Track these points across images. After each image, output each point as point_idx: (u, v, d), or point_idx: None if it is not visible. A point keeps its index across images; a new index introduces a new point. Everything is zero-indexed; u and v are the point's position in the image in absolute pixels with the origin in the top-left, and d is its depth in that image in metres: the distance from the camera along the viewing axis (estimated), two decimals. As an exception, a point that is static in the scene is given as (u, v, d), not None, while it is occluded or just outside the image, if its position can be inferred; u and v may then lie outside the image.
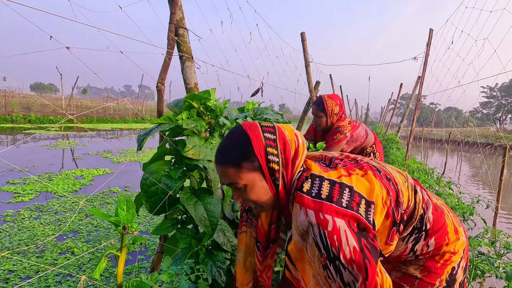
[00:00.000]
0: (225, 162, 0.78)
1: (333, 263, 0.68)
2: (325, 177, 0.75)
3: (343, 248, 0.67)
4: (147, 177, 1.10)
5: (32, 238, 2.99)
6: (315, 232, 0.69)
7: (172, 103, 1.30)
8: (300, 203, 0.73)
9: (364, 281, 0.66)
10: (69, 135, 12.07)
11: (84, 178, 5.38)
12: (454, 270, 0.85)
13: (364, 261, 0.67)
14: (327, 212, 0.69)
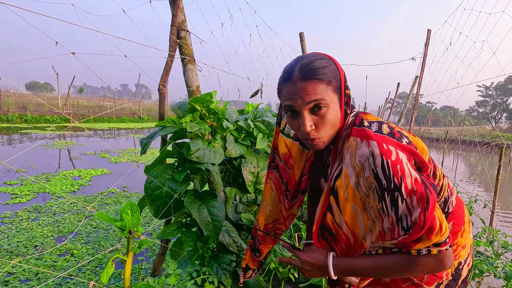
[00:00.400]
0: (317, 77, 0.72)
1: (391, 194, 0.66)
2: (383, 122, 0.76)
3: (406, 178, 0.65)
4: (151, 180, 1.10)
5: (31, 239, 2.97)
6: (377, 162, 0.67)
7: (176, 106, 1.30)
8: (360, 135, 0.71)
9: (424, 211, 0.64)
10: (65, 134, 11.99)
11: (82, 178, 5.35)
12: (460, 265, 0.86)
13: (426, 191, 0.65)
14: (390, 144, 0.68)
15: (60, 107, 17.72)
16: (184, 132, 1.28)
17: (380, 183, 0.67)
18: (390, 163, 0.66)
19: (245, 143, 1.65)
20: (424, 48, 3.66)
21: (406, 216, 0.66)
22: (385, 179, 0.66)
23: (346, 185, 0.73)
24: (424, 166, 0.73)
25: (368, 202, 0.71)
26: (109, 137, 12.47)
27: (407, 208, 0.66)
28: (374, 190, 0.69)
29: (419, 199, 0.65)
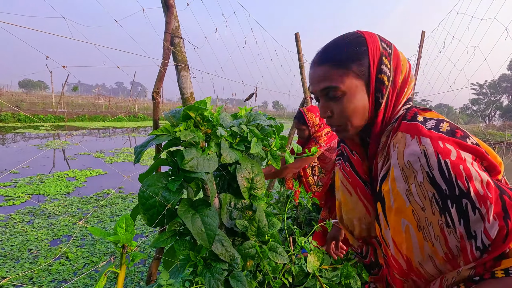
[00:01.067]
0: (330, 61, 0.66)
1: (457, 203, 0.52)
2: (444, 120, 0.63)
3: (474, 180, 0.52)
4: (144, 190, 1.10)
5: (25, 243, 2.96)
6: (432, 163, 0.54)
7: (169, 114, 1.30)
8: (411, 131, 0.60)
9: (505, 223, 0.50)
10: (60, 134, 11.88)
11: (76, 179, 5.32)
12: None
13: (502, 197, 0.52)
14: (448, 142, 0.56)
15: (54, 106, 17.54)
16: (178, 140, 1.28)
17: (440, 189, 0.54)
18: (450, 163, 0.53)
19: (239, 148, 1.66)
20: (418, 49, 3.69)
21: (482, 232, 0.52)
22: (446, 184, 0.53)
23: (394, 191, 0.60)
24: (495, 171, 0.58)
25: (424, 217, 0.56)
26: (104, 136, 12.38)
27: (482, 219, 0.51)
28: (432, 199, 0.55)
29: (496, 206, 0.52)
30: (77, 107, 21.83)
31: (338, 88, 0.66)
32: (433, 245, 0.56)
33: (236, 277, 1.13)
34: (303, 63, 4.42)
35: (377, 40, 0.68)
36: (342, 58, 0.66)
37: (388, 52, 0.67)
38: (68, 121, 15.74)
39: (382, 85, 0.67)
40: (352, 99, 0.67)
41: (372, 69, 0.66)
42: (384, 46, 0.68)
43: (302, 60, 4.41)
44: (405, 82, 0.69)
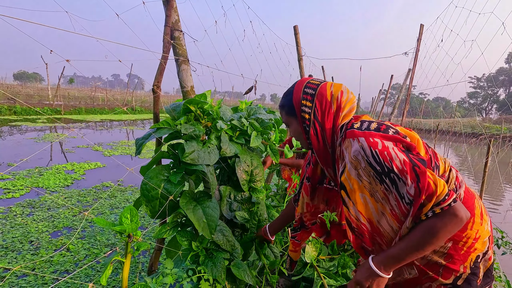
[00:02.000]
0: (280, 106, 1.06)
1: (388, 176, 0.79)
2: (373, 121, 0.90)
3: (394, 161, 0.77)
4: (146, 182, 1.12)
5: (26, 235, 2.98)
6: (367, 154, 0.80)
7: (170, 107, 1.32)
8: (351, 135, 0.85)
9: (417, 184, 0.75)
10: (57, 127, 11.81)
11: (75, 172, 5.33)
12: (479, 258, 0.87)
13: (414, 169, 0.76)
14: (376, 137, 0.82)
15: (50, 98, 17.37)
16: (179, 133, 1.30)
17: (375, 169, 0.80)
18: (378, 152, 0.79)
19: (239, 141, 1.68)
20: (416, 43, 3.69)
21: (405, 192, 0.78)
22: (378, 165, 0.79)
23: (349, 178, 0.86)
24: (411, 147, 0.83)
25: (372, 188, 0.83)
26: (102, 129, 12.33)
27: (404, 185, 0.77)
28: (373, 176, 0.81)
29: (411, 175, 0.76)
30: (74, 99, 21.64)
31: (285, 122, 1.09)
32: (382, 204, 0.83)
33: (237, 265, 1.17)
34: (301, 56, 4.40)
35: (300, 89, 1.00)
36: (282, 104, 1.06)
37: (311, 94, 0.98)
38: (65, 114, 15.63)
39: (304, 119, 0.99)
40: (292, 128, 1.05)
41: (296, 109, 1.00)
42: (307, 91, 0.99)
43: (300, 53, 4.39)
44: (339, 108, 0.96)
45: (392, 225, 0.84)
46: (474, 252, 0.86)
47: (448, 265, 0.86)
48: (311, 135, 0.99)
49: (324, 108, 0.96)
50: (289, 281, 2.00)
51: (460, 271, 0.86)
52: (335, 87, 0.98)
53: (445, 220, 0.75)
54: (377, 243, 0.91)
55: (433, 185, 0.75)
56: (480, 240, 0.87)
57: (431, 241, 0.77)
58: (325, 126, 0.97)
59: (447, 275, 0.86)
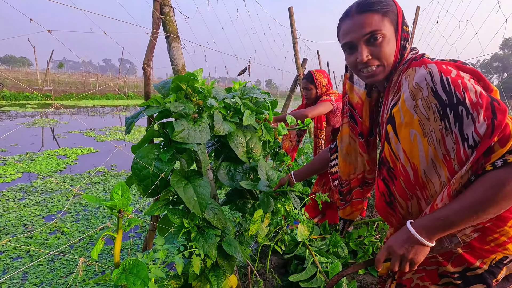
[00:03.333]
0: (373, 9, 0.77)
1: (455, 110, 0.63)
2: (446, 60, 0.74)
3: (469, 91, 0.62)
4: (137, 161, 1.11)
5: (19, 218, 2.98)
6: (436, 80, 0.65)
7: (159, 85, 1.29)
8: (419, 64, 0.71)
9: (491, 121, 0.59)
10: (48, 112, 11.59)
11: (68, 157, 5.27)
12: (506, 260, 0.72)
13: (492, 103, 0.61)
14: (450, 65, 0.68)
15: (39, 83, 16.95)
16: (169, 111, 1.28)
17: (441, 99, 0.65)
18: (450, 79, 0.64)
19: (233, 120, 1.66)
20: (412, 25, 3.65)
21: (472, 133, 0.61)
22: (446, 95, 0.64)
23: (403, 109, 0.71)
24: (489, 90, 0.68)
25: (428, 125, 0.67)
26: (94, 114, 12.14)
27: (473, 123, 0.61)
28: (434, 109, 0.66)
29: (486, 111, 0.60)
30: (64, 84, 21.13)
31: (381, 32, 0.77)
32: (434, 149, 0.68)
33: (228, 241, 1.18)
34: (296, 38, 4.33)
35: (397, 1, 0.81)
36: (381, 7, 0.77)
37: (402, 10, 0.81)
38: (55, 99, 15.30)
39: (406, 33, 0.81)
40: (389, 42, 0.78)
41: (399, 20, 0.79)
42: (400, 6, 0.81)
43: (295, 35, 4.32)
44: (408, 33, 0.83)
45: (441, 174, 0.68)
46: (501, 252, 0.71)
47: (464, 255, 0.73)
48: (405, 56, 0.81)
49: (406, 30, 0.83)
50: (281, 259, 2.05)
51: (475, 265, 0.73)
52: None
53: None
54: (415, 196, 0.75)
55: (510, 127, 0.58)
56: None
57: (496, 200, 0.59)
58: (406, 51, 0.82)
59: (457, 263, 0.75)
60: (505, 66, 46.24)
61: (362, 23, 0.77)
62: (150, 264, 0.94)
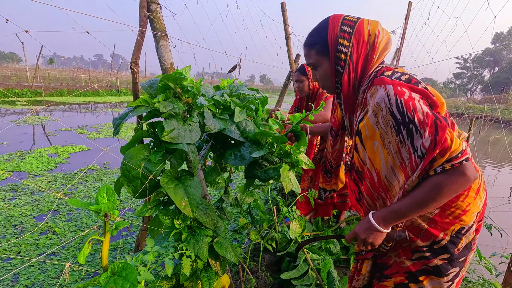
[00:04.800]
0: (306, 44, 0.97)
1: (407, 127, 0.77)
2: (406, 73, 0.87)
3: (418, 111, 0.75)
4: (126, 162, 1.10)
5: (9, 219, 2.93)
6: (392, 101, 0.78)
7: (146, 84, 1.27)
8: (379, 82, 0.82)
9: (434, 138, 0.74)
10: (38, 109, 11.37)
11: (59, 155, 5.20)
12: (463, 230, 0.87)
13: (435, 122, 0.75)
14: (404, 87, 0.79)
15: (29, 80, 16.59)
16: (158, 111, 1.26)
17: (396, 118, 0.78)
18: (403, 101, 0.77)
19: (223, 117, 1.65)
20: (404, 21, 3.66)
21: (420, 146, 0.76)
22: (400, 115, 0.77)
23: (368, 125, 0.85)
24: (435, 106, 0.82)
25: (387, 138, 0.82)
26: (86, 111, 11.96)
27: (420, 137, 0.75)
28: (391, 126, 0.80)
29: (430, 128, 0.74)
30: (55, 81, 20.73)
31: (312, 63, 0.99)
32: (393, 158, 0.82)
33: (219, 242, 1.18)
34: (289, 34, 4.30)
35: (337, 25, 0.91)
36: (312, 42, 0.96)
37: (348, 32, 0.89)
38: (46, 96, 15.03)
39: (339, 60, 0.91)
40: (321, 69, 0.97)
41: (330, 49, 0.92)
42: (344, 28, 0.90)
43: (288, 31, 4.28)
44: (372, 49, 0.90)
45: (398, 178, 0.83)
46: (459, 223, 0.86)
47: (430, 229, 0.87)
48: (344, 78, 0.92)
49: (361, 49, 0.89)
50: (274, 257, 2.07)
51: (439, 237, 0.87)
52: (372, 25, 0.90)
53: (453, 178, 0.74)
54: (381, 197, 0.90)
55: (449, 141, 0.74)
56: (468, 213, 0.86)
57: (435, 198, 0.77)
58: (358, 69, 0.91)
59: (425, 238, 0.88)
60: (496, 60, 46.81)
61: (305, 55, 1.01)
62: (140, 266, 0.93)
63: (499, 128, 11.27)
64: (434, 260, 0.88)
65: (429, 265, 0.89)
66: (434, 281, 0.89)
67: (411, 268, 0.91)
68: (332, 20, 0.92)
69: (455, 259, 0.88)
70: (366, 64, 0.90)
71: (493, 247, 2.25)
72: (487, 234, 2.11)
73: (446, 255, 0.88)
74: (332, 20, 0.92)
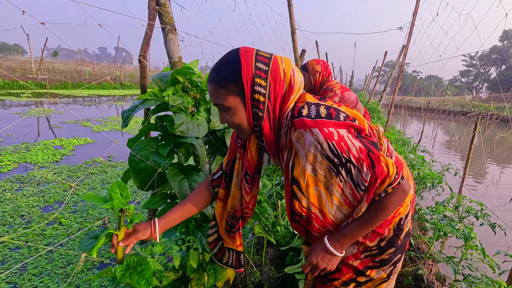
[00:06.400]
0: (215, 81, 0.79)
1: (345, 167, 0.77)
2: (320, 103, 0.81)
3: (351, 150, 0.75)
4: (134, 154, 1.11)
5: (17, 209, 2.98)
6: (324, 147, 0.75)
7: (157, 77, 1.27)
8: (303, 126, 0.76)
9: (373, 170, 0.76)
10: (43, 102, 11.44)
11: (64, 148, 5.25)
12: (402, 220, 0.94)
13: (369, 155, 0.76)
14: (329, 126, 0.76)
15: (34, 72, 16.66)
16: (166, 105, 1.27)
17: (333, 161, 0.77)
18: (335, 143, 0.75)
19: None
20: (412, 17, 3.61)
21: (360, 180, 0.78)
22: (336, 158, 0.76)
23: (304, 173, 0.81)
24: (361, 130, 0.82)
25: (327, 181, 0.81)
26: (90, 104, 12.01)
27: (359, 172, 0.77)
28: (329, 169, 0.79)
29: (366, 161, 0.76)
30: (59, 73, 20.78)
31: (223, 105, 0.80)
32: (336, 197, 0.83)
33: (226, 235, 1.19)
34: (295, 29, 4.27)
35: (251, 62, 0.77)
36: (222, 79, 0.78)
37: (264, 70, 0.78)
38: (51, 88, 15.10)
39: (257, 102, 0.79)
40: (236, 112, 0.81)
41: (246, 89, 0.78)
42: (259, 66, 0.78)
43: (294, 26, 4.26)
44: (290, 89, 0.81)
45: (345, 212, 0.86)
46: (397, 216, 0.92)
47: (376, 230, 0.91)
48: (264, 122, 0.82)
49: (278, 89, 0.80)
50: (277, 251, 2.08)
51: (384, 234, 0.92)
52: (286, 63, 0.81)
53: (395, 196, 0.80)
54: (330, 231, 0.90)
55: (385, 168, 0.77)
56: (404, 204, 0.93)
57: (382, 216, 0.82)
58: (276, 111, 0.82)
59: (373, 238, 0.92)
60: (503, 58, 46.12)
61: (210, 93, 0.82)
62: (149, 258, 0.95)
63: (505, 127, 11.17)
64: (381, 256, 0.94)
65: (376, 261, 0.94)
66: (379, 270, 0.95)
67: (359, 267, 0.95)
68: (244, 55, 0.78)
69: (398, 248, 0.95)
70: (283, 104, 0.82)
71: (497, 245, 2.25)
72: (490, 232, 2.11)
73: (392, 249, 0.93)
74: (244, 55, 0.78)
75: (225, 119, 0.85)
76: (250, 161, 0.96)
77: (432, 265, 2.38)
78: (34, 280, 2.06)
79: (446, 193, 3.41)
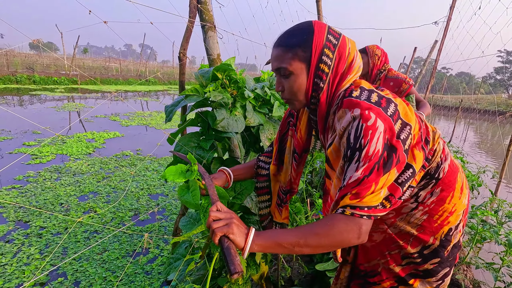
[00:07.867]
0: (282, 44, 0.80)
1: (352, 153, 0.70)
2: (374, 90, 0.78)
3: (371, 144, 0.68)
4: (180, 148, 1.15)
5: (56, 198, 3.18)
6: (354, 124, 0.70)
7: (199, 73, 1.31)
8: (348, 105, 0.74)
9: (363, 178, 0.68)
10: (74, 96, 12.04)
11: (96, 141, 5.51)
12: (451, 231, 0.87)
13: (374, 166, 0.68)
14: (372, 111, 0.71)
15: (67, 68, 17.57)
16: (206, 100, 1.30)
17: (349, 142, 0.71)
18: (365, 126, 0.69)
19: (262, 111, 1.67)
20: (449, 11, 3.44)
21: (347, 176, 0.70)
22: (354, 139, 0.70)
23: (334, 148, 0.78)
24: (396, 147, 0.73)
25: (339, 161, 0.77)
26: (117, 100, 12.50)
27: (355, 168, 0.69)
28: (344, 148, 0.74)
29: (366, 167, 0.68)
30: (88, 70, 21.78)
31: (286, 69, 0.79)
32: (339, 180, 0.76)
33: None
34: (323, 25, 4.21)
35: (323, 33, 0.78)
36: (291, 44, 0.78)
37: (333, 44, 0.78)
38: (81, 84, 15.87)
39: (322, 72, 0.79)
40: (297, 79, 0.80)
41: (313, 57, 0.77)
42: (330, 38, 0.78)
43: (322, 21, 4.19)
44: (349, 69, 0.80)
45: None
46: (447, 225, 0.86)
47: (419, 236, 0.86)
48: (323, 92, 0.81)
49: (342, 65, 0.80)
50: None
51: (429, 242, 0.86)
52: (352, 44, 0.81)
53: (348, 227, 0.68)
54: None
55: (369, 191, 0.68)
56: (455, 213, 0.87)
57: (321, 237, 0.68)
58: (333, 87, 0.81)
59: (415, 244, 0.87)
60: (544, 54, 42.77)
61: (274, 57, 0.82)
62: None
63: (545, 128, 10.40)
64: (425, 265, 0.87)
65: (419, 270, 0.88)
66: (424, 282, 0.89)
67: (400, 274, 0.90)
68: (318, 25, 0.79)
69: (445, 260, 0.88)
70: (340, 82, 0.81)
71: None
72: None
73: (437, 259, 0.87)
74: (318, 25, 0.79)
75: (281, 86, 0.83)
76: (299, 140, 1.01)
77: (467, 270, 2.29)
78: (74, 263, 2.20)
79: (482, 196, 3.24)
